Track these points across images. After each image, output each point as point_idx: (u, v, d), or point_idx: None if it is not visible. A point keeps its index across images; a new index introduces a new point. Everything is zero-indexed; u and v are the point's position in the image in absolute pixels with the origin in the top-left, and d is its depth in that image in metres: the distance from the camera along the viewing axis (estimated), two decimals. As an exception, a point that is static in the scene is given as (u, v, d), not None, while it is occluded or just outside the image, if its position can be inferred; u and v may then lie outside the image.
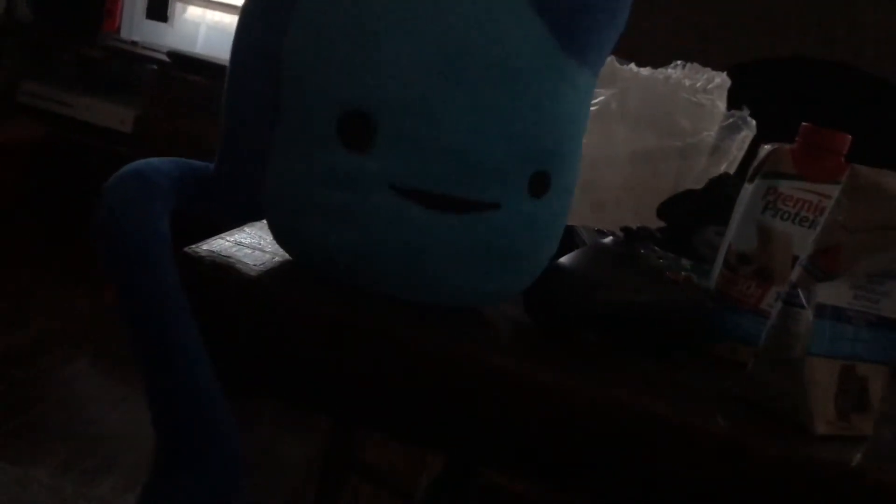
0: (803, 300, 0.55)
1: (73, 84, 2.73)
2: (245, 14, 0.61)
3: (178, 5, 2.77)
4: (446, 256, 0.57)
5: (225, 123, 0.62)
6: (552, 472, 0.59)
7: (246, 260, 0.62)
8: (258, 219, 0.65)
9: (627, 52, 1.16)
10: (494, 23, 0.55)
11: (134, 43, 2.72)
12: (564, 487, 0.60)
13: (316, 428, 1.63)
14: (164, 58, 2.60)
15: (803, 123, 0.69)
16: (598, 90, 1.12)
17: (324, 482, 1.36)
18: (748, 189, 0.70)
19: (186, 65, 2.56)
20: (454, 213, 0.56)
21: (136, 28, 2.76)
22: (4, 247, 2.38)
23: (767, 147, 0.70)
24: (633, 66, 1.17)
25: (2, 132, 2.52)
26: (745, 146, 1.09)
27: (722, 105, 1.13)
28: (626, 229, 0.69)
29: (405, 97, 0.54)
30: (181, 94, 2.51)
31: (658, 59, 1.18)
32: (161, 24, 2.75)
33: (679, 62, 1.18)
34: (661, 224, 0.95)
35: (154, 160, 0.59)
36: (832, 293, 0.56)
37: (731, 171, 1.07)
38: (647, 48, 1.22)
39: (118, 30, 2.74)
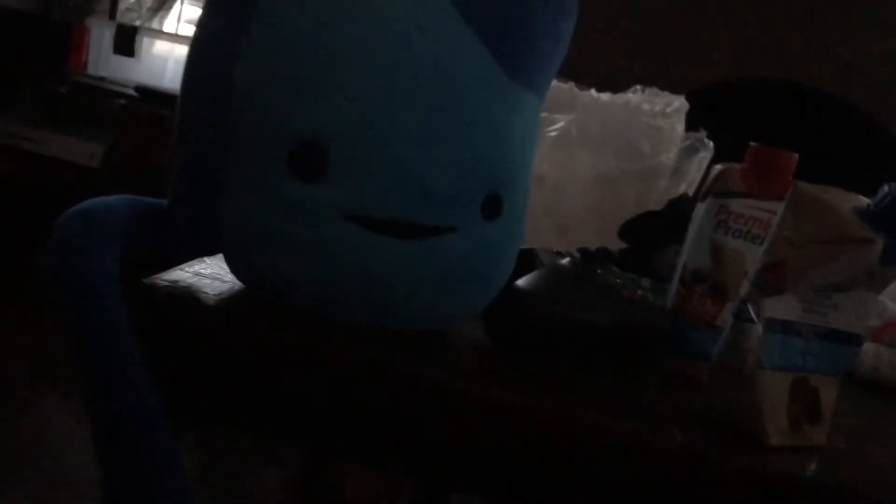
0: (752, 315, 0.57)
1: (40, 120, 2.71)
2: (195, 45, 0.61)
3: (146, 40, 2.78)
4: (405, 282, 0.58)
5: (177, 157, 0.62)
6: (518, 493, 0.60)
7: (206, 290, 0.62)
8: (215, 253, 0.65)
9: (586, 78, 1.18)
10: (441, 51, 0.56)
11: (102, 78, 2.71)
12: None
13: (288, 461, 1.61)
14: (132, 92, 2.59)
15: (750, 143, 0.71)
16: (558, 116, 1.14)
17: (297, 514, 1.35)
18: (701, 208, 0.72)
19: (154, 99, 2.56)
20: (409, 238, 0.57)
21: (104, 63, 2.76)
22: (-29, 285, 2.35)
23: (718, 167, 0.72)
24: (592, 91, 1.19)
25: (-33, 170, 2.50)
26: (703, 167, 1.11)
27: (680, 128, 1.16)
28: (583, 250, 0.70)
29: (355, 126, 0.55)
30: (149, 129, 2.51)
31: (618, 84, 1.20)
32: (128, 60, 2.75)
33: (638, 87, 1.21)
34: (624, 245, 0.97)
35: (107, 199, 0.59)
36: (781, 307, 0.57)
37: (690, 192, 1.09)
38: (606, 73, 1.24)
39: (85, 65, 2.74)
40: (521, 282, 0.65)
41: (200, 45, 0.61)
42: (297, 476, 1.36)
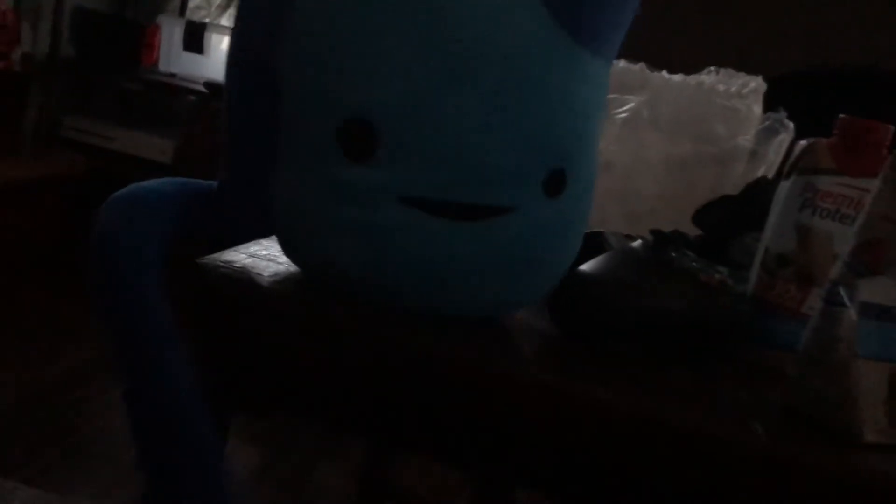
0: (845, 298, 0.52)
1: (114, 117, 2.78)
2: (239, 22, 0.59)
3: (214, 37, 2.82)
4: (462, 266, 0.55)
5: (225, 141, 0.61)
6: (588, 489, 0.56)
7: (260, 271, 0.61)
8: (266, 235, 0.63)
9: (661, 64, 1.13)
10: (499, 18, 0.53)
11: (172, 75, 2.76)
12: (594, 501, 0.57)
13: (351, 455, 1.60)
14: (202, 88, 2.63)
15: (841, 115, 0.65)
16: (627, 97, 1.09)
17: (360, 507, 1.33)
18: (784, 187, 0.67)
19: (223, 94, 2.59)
20: (467, 220, 0.54)
21: (174, 60, 2.81)
22: (48, 279, 2.42)
23: (803, 142, 0.67)
24: (664, 73, 1.14)
25: (45, 166, 2.58)
26: (783, 150, 1.05)
27: (758, 109, 1.10)
28: (655, 232, 0.66)
29: (406, 101, 0.52)
30: (219, 123, 2.54)
31: (690, 71, 1.15)
32: (198, 56, 2.80)
33: (712, 68, 1.15)
34: (699, 232, 0.92)
35: (154, 182, 0.58)
36: (878, 291, 0.52)
37: (769, 176, 1.03)
38: (681, 61, 1.19)
39: (157, 63, 2.79)
40: (587, 265, 0.61)
41: (244, 22, 0.59)
42: (359, 469, 1.35)
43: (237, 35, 0.59)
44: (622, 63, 1.12)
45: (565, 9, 0.53)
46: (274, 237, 0.63)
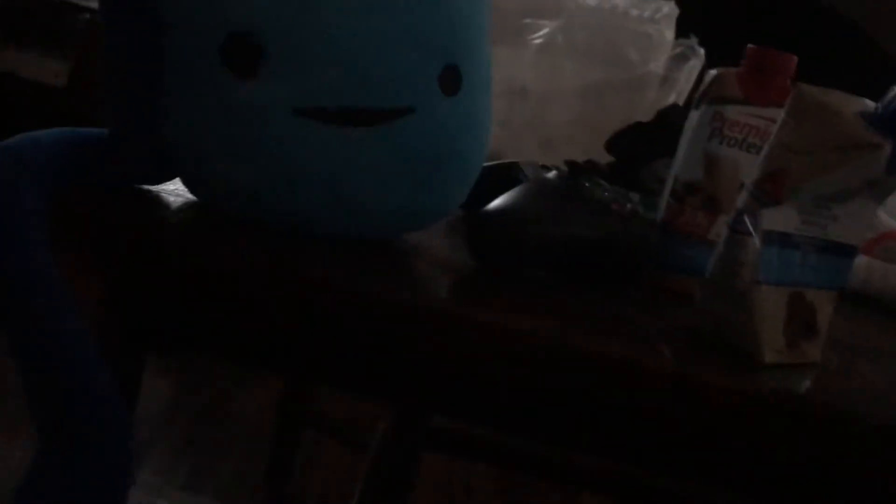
0: (749, 227, 0.54)
1: (1, 37, 2.60)
2: None
3: (109, -50, 2.65)
4: (364, 175, 0.54)
5: (106, 76, 0.57)
6: (497, 413, 0.58)
7: (168, 203, 0.59)
8: (163, 181, 0.60)
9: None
10: None
11: (63, -9, 2.60)
12: (510, 427, 0.59)
13: (269, 382, 1.61)
14: (96, 6, 2.49)
15: (749, 45, 0.66)
16: (542, 22, 1.09)
17: (278, 436, 1.34)
18: (694, 116, 0.68)
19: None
20: (365, 126, 0.53)
21: (65, -25, 2.63)
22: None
23: (713, 72, 0.68)
24: (578, -4, 1.14)
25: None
26: (694, 76, 1.07)
27: (670, 35, 1.11)
28: (570, 163, 0.66)
29: (287, 10, 0.51)
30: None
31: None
32: (91, -29, 2.63)
33: (627, -8, 1.15)
34: (612, 159, 0.93)
35: (37, 133, 0.54)
36: (779, 219, 0.54)
37: (681, 102, 1.05)
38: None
39: (46, -22, 2.61)
40: (504, 196, 0.62)
41: None
42: (277, 398, 1.35)
43: None
44: (534, -16, 1.11)
45: None
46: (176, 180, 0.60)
